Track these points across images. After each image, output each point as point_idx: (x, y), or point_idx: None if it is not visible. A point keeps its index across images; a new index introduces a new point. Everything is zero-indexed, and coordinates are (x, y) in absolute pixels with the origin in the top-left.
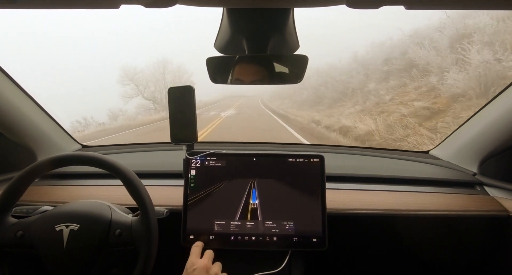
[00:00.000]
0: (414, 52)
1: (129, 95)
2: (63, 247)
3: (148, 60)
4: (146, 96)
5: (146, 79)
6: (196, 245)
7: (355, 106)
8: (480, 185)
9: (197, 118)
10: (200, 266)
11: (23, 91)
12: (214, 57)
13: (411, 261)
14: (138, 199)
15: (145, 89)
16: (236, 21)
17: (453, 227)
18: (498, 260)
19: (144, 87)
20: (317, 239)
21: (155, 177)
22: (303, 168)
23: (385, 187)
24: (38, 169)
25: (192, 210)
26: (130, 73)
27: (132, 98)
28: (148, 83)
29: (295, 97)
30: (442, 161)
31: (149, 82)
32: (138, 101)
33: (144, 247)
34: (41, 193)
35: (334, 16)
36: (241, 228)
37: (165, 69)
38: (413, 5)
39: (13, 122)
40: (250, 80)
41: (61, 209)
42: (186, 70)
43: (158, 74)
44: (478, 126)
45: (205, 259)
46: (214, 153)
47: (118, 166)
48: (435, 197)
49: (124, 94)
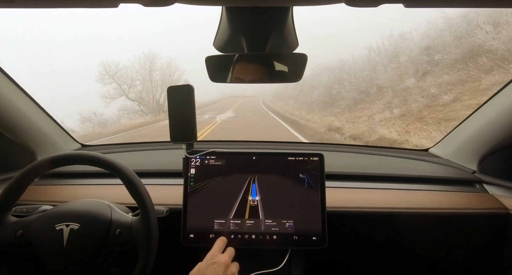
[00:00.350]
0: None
1: (111, 96)
2: (63, 246)
3: (133, 55)
4: (131, 97)
5: (131, 77)
6: (221, 239)
7: (391, 109)
8: (479, 183)
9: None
10: (220, 261)
11: (22, 90)
12: (213, 56)
13: (411, 259)
14: (138, 198)
15: (129, 89)
16: (235, 20)
17: (453, 225)
18: (497, 258)
19: (128, 86)
20: (316, 238)
21: (155, 176)
22: (302, 166)
23: (384, 185)
24: (38, 169)
25: (192, 209)
26: (111, 70)
27: (115, 99)
28: (133, 82)
29: (301, 97)
30: (441, 159)
31: (134, 80)
32: (123, 102)
33: (144, 246)
34: (41, 193)
35: (343, 13)
36: (241, 227)
37: (153, 65)
38: (411, 3)
39: (12, 121)
40: (250, 78)
41: (61, 208)
42: (177, 66)
43: (144, 71)
44: (477, 124)
45: (226, 256)
46: (213, 152)
47: (118, 165)
48: (434, 195)
49: (106, 94)
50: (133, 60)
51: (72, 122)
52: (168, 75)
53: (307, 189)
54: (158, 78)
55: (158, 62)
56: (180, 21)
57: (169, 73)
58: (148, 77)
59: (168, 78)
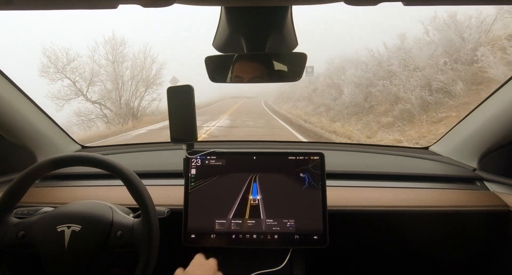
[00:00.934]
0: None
1: (64, 96)
2: (64, 248)
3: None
4: (92, 98)
5: (92, 71)
6: (199, 255)
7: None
8: (480, 181)
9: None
10: (207, 264)
11: (22, 92)
12: (212, 56)
13: (412, 257)
14: (139, 199)
15: (89, 87)
16: (234, 20)
17: (454, 222)
18: (498, 255)
19: (87, 84)
20: (318, 237)
21: (156, 177)
22: (303, 165)
23: (385, 183)
24: (39, 170)
25: (193, 209)
26: (59, 61)
27: (70, 100)
28: (95, 77)
29: (314, 98)
30: (442, 157)
31: (97, 75)
32: (81, 104)
33: (145, 248)
34: (41, 194)
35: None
36: (242, 227)
37: (120, 55)
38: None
39: (12, 123)
40: (249, 77)
41: (62, 210)
42: (155, 57)
43: (108, 64)
44: (477, 122)
45: (213, 261)
46: (214, 152)
47: (119, 166)
48: (435, 193)
49: (57, 94)
50: (95, 48)
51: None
52: (143, 69)
53: (308, 188)
54: (129, 72)
55: (128, 50)
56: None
57: (145, 66)
58: (114, 70)
59: (144, 73)
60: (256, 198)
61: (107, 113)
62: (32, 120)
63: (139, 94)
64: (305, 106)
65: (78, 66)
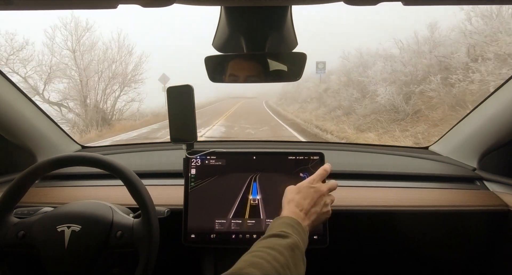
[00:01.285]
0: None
1: None
2: (64, 248)
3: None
4: (50, 98)
5: (50, 64)
6: (324, 168)
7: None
8: (480, 180)
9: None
10: (318, 188)
11: (22, 92)
12: (212, 56)
13: (412, 257)
14: (138, 199)
15: (45, 84)
16: (234, 20)
17: (454, 222)
18: (498, 255)
19: (44, 80)
20: (318, 236)
21: (156, 177)
22: (303, 165)
23: (384, 183)
24: (39, 170)
25: (193, 209)
26: (2, 49)
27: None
28: (54, 72)
29: (326, 99)
30: (441, 157)
31: (56, 69)
32: (44, 107)
33: (145, 248)
34: (41, 194)
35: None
36: (242, 227)
37: (78, 41)
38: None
39: (12, 123)
40: (245, 77)
41: (62, 210)
42: (130, 47)
43: (69, 54)
44: (477, 121)
45: (326, 186)
46: (214, 152)
47: (119, 166)
48: (435, 193)
49: None
50: (52, 35)
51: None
52: (115, 61)
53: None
54: (95, 65)
55: (96, 38)
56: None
57: (119, 58)
58: (76, 62)
59: (117, 67)
60: (256, 198)
61: (73, 117)
62: (32, 120)
63: (112, 93)
64: (315, 109)
65: (28, 57)
